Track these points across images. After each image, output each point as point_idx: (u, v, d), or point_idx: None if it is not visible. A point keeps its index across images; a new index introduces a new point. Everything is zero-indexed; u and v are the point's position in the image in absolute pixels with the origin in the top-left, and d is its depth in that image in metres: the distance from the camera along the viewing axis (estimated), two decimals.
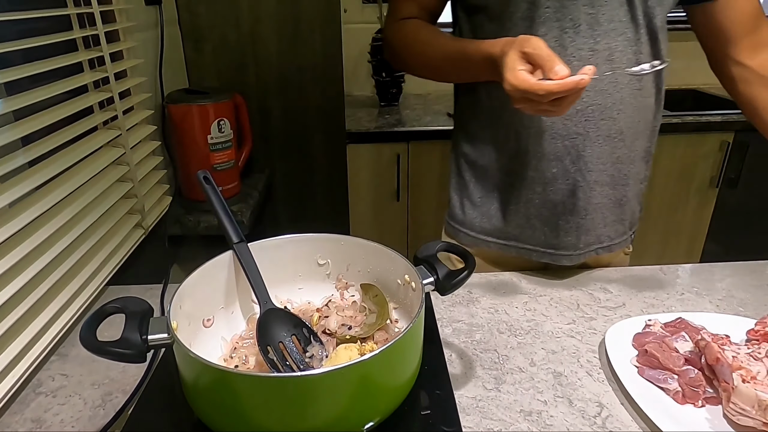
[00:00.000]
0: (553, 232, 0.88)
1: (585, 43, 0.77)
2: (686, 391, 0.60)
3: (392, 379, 0.52)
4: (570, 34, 0.77)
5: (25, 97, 0.75)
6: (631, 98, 0.81)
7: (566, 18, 0.76)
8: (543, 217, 0.88)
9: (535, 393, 0.64)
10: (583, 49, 0.77)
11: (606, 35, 0.77)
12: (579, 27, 0.76)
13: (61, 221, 0.79)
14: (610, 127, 0.81)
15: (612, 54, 0.78)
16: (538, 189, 0.86)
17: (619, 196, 0.89)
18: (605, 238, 0.91)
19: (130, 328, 0.50)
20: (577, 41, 0.77)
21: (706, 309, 0.80)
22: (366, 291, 0.68)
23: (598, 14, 0.76)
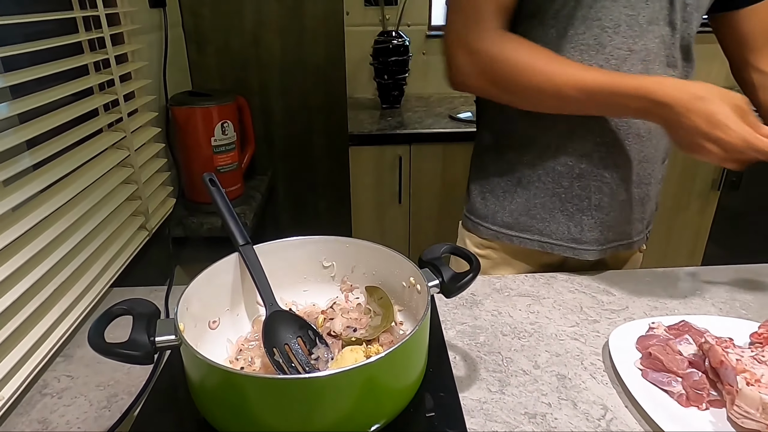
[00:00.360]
0: (577, 227, 0.89)
1: (623, 43, 0.77)
2: (690, 393, 0.61)
3: (398, 382, 0.52)
4: (609, 33, 0.77)
5: (30, 100, 0.76)
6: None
7: (606, 17, 0.76)
8: (568, 212, 0.89)
9: (539, 395, 0.64)
10: (622, 49, 0.78)
11: (643, 36, 0.77)
12: (619, 27, 0.77)
13: (66, 223, 0.79)
14: (640, 126, 0.82)
15: (648, 55, 0.78)
16: (565, 184, 0.87)
17: (642, 195, 0.90)
18: (626, 235, 0.92)
19: (137, 329, 0.50)
20: (616, 40, 0.77)
21: (710, 312, 0.80)
22: (371, 293, 0.69)
23: (638, 16, 0.76)
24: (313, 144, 1.65)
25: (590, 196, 0.87)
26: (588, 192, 0.87)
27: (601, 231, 0.89)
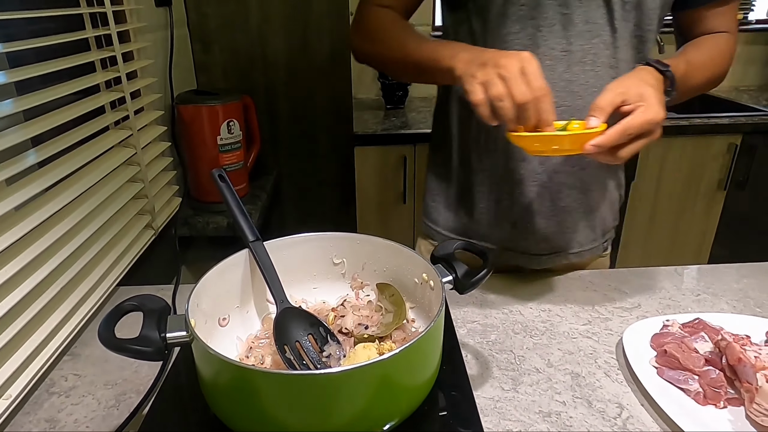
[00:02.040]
0: (522, 234, 0.87)
1: (558, 44, 0.76)
2: (707, 392, 0.60)
3: (413, 379, 0.51)
4: (544, 32, 0.76)
5: (36, 97, 0.75)
6: None
7: (541, 16, 0.75)
8: (512, 218, 0.87)
9: (553, 394, 0.63)
10: (556, 50, 0.76)
11: (580, 37, 0.76)
12: (553, 27, 0.75)
13: (72, 221, 0.78)
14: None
15: (585, 56, 0.77)
16: (506, 189, 0.85)
17: (590, 202, 0.87)
18: (575, 243, 0.89)
19: (148, 325, 0.49)
20: (551, 41, 0.76)
21: (723, 309, 0.79)
22: (382, 290, 0.68)
23: (573, 15, 0.75)
24: (318, 143, 1.65)
25: (531, 202, 0.85)
26: (529, 198, 0.85)
27: (546, 238, 0.87)
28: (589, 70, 0.77)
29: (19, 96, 0.75)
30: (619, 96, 0.63)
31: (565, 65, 0.77)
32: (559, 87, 0.77)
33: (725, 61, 0.85)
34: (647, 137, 0.64)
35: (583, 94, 0.78)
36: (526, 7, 0.75)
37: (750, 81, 2.37)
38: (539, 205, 0.85)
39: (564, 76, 0.77)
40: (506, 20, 0.76)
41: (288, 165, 1.65)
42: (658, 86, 0.69)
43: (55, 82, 0.81)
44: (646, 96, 0.63)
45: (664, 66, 0.72)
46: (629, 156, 0.64)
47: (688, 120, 1.85)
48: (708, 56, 0.82)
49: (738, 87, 2.36)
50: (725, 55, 0.84)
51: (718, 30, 0.84)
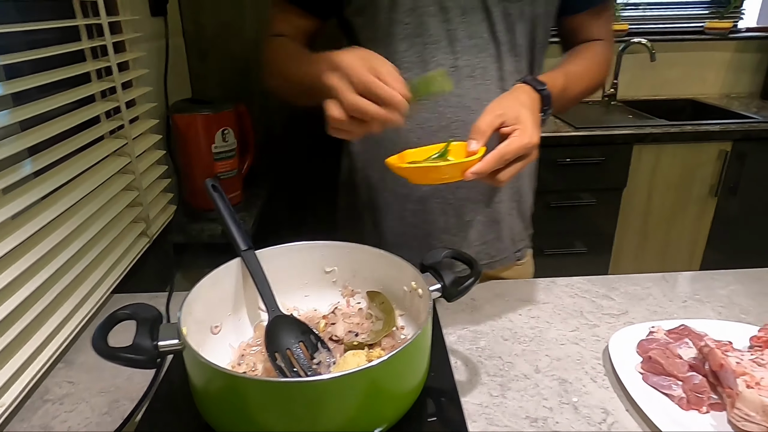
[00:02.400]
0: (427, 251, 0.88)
1: (446, 59, 0.78)
2: (690, 397, 0.61)
3: (401, 385, 0.52)
4: (431, 49, 0.77)
5: (33, 107, 0.76)
6: None
7: (426, 33, 0.77)
8: (417, 235, 0.88)
9: (540, 399, 0.64)
10: (445, 65, 0.78)
11: (467, 51, 0.78)
12: (439, 43, 0.77)
13: (67, 230, 0.79)
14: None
15: (474, 70, 0.79)
16: (409, 206, 0.86)
17: (494, 214, 0.89)
18: (484, 255, 0.91)
19: (141, 334, 0.50)
20: (438, 57, 0.78)
21: (709, 316, 0.80)
22: (372, 298, 0.69)
23: (456, 30, 0.77)
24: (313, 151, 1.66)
25: (436, 218, 0.86)
26: (434, 214, 0.86)
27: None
28: (479, 84, 0.79)
29: (16, 107, 0.76)
30: (497, 118, 0.64)
31: (454, 81, 0.78)
32: (452, 102, 0.79)
33: (603, 69, 0.89)
34: (524, 160, 0.65)
35: (475, 108, 0.79)
36: (411, 25, 0.77)
37: (740, 88, 2.40)
38: (444, 223, 0.87)
39: (455, 91, 0.79)
40: (393, 40, 0.78)
41: (282, 172, 1.67)
42: (534, 107, 0.70)
43: (51, 93, 0.82)
44: (522, 118, 0.64)
45: (540, 85, 0.73)
46: (509, 179, 0.65)
47: (679, 127, 1.87)
48: (586, 66, 0.85)
49: (729, 94, 2.39)
50: (602, 63, 0.88)
51: (595, 37, 0.89)
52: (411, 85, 0.61)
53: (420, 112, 0.80)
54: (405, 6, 0.76)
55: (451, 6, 0.76)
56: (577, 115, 2.08)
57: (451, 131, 0.81)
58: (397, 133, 0.82)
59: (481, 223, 0.88)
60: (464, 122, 0.80)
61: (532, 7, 0.79)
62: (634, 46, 2.16)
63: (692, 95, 2.37)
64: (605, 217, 1.97)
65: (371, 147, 0.87)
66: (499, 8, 0.77)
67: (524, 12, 0.78)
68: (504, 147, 0.62)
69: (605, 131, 1.84)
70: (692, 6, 2.40)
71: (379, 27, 0.78)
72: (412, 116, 0.63)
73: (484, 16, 0.77)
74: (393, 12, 0.76)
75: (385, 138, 0.83)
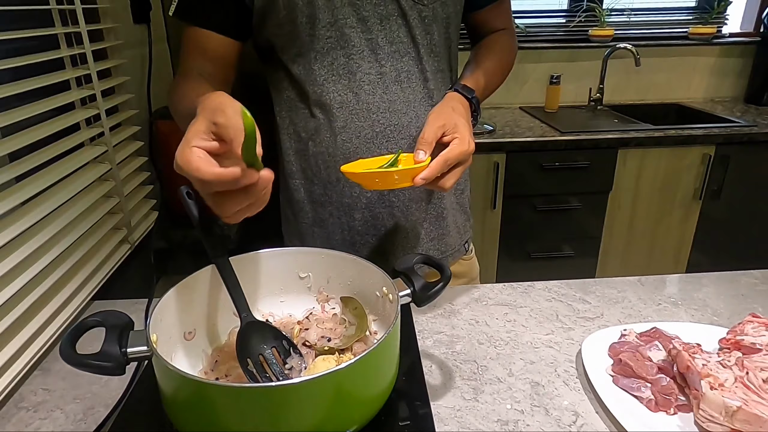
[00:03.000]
0: (381, 257, 0.90)
1: (371, 67, 0.80)
2: (659, 399, 0.62)
3: (367, 389, 0.53)
4: (356, 59, 0.79)
5: (12, 114, 0.76)
6: (426, 114, 0.82)
7: (348, 44, 0.79)
8: (368, 243, 0.90)
9: (512, 403, 0.65)
10: (371, 74, 0.80)
11: (390, 57, 0.80)
12: (362, 52, 0.79)
13: (46, 236, 0.79)
14: (411, 145, 0.84)
15: (399, 75, 0.81)
16: (357, 215, 0.88)
17: (438, 210, 0.92)
18: (435, 252, 0.94)
19: (109, 341, 0.50)
20: (363, 66, 0.80)
21: (682, 319, 0.81)
22: (346, 304, 0.70)
23: (377, 38, 0.79)
24: None
25: (385, 223, 0.88)
26: (382, 219, 0.88)
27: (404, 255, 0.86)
28: (406, 87, 0.82)
29: None
30: (440, 129, 0.70)
31: (382, 87, 0.81)
32: (383, 108, 0.82)
33: (511, 57, 0.97)
34: (462, 165, 0.71)
35: (406, 111, 0.83)
36: (332, 39, 0.78)
37: (724, 93, 2.42)
38: (394, 226, 0.89)
39: (384, 97, 0.81)
40: (317, 54, 0.79)
41: None
42: (467, 114, 0.77)
43: (31, 100, 0.83)
44: (460, 127, 0.70)
45: (469, 92, 0.80)
46: (453, 185, 0.71)
47: (663, 131, 1.89)
48: (498, 60, 0.92)
49: (713, 98, 2.42)
50: (510, 52, 0.96)
51: (499, 28, 0.96)
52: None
53: (353, 121, 0.82)
54: (324, 21, 0.77)
55: (369, 16, 0.78)
56: (563, 119, 2.10)
57: (386, 136, 0.83)
58: (335, 144, 0.83)
59: (428, 221, 0.91)
60: (397, 126, 0.83)
61: (443, 7, 0.82)
62: (619, 52, 2.18)
63: (677, 100, 2.39)
64: (592, 221, 1.99)
65: (310, 164, 0.87)
66: (414, 12, 0.79)
67: (437, 13, 0.82)
68: (446, 153, 0.68)
69: (591, 135, 1.86)
70: (677, 12, 2.44)
71: (302, 44, 0.79)
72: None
73: (402, 21, 0.79)
74: (313, 28, 0.77)
75: (322, 151, 0.85)
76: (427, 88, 0.84)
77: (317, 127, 0.84)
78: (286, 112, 0.87)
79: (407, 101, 0.82)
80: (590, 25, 2.34)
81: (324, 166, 0.86)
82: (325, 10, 0.76)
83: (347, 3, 0.77)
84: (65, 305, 0.82)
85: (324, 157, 0.85)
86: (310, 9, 0.76)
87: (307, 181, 0.89)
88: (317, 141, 0.84)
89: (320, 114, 0.83)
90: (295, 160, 0.89)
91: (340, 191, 0.86)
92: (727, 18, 2.40)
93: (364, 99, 0.81)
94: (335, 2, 0.76)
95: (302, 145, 0.87)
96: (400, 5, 0.78)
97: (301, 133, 0.86)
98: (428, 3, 0.80)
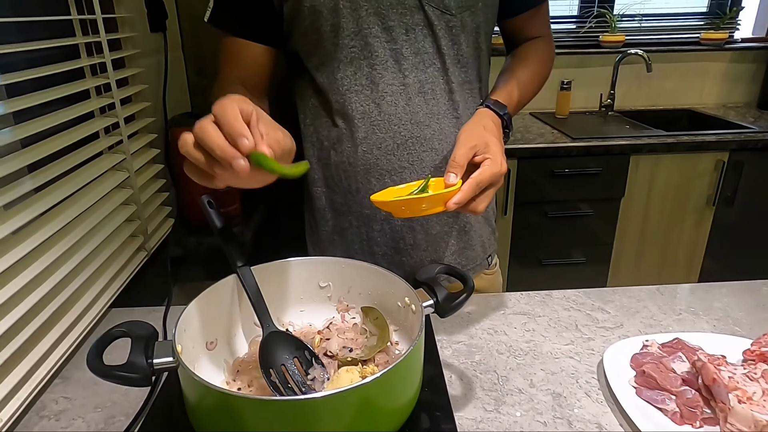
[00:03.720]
0: (399, 269, 0.89)
1: (395, 78, 0.79)
2: (684, 411, 0.61)
3: (393, 401, 0.53)
4: (378, 70, 0.79)
5: (33, 125, 0.77)
6: (451, 127, 0.83)
7: (372, 55, 0.78)
8: (386, 254, 0.89)
9: (534, 414, 0.65)
10: (394, 84, 0.79)
11: (414, 68, 0.79)
12: (386, 63, 0.78)
13: (66, 245, 0.80)
14: (433, 158, 0.83)
15: (423, 86, 0.80)
16: (376, 227, 0.87)
17: (462, 224, 0.90)
18: (456, 265, 0.90)
19: (135, 352, 0.51)
20: (386, 77, 0.79)
21: (703, 329, 0.80)
22: (366, 314, 0.69)
23: (401, 48, 0.78)
24: None
25: (404, 236, 0.87)
26: (401, 232, 0.87)
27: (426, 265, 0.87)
28: (429, 99, 0.81)
29: (17, 124, 0.77)
30: (471, 150, 0.68)
31: (405, 98, 0.80)
32: (405, 120, 0.81)
33: (548, 67, 0.93)
34: (494, 187, 0.69)
35: (428, 123, 0.81)
36: (356, 48, 0.78)
37: (736, 98, 2.41)
38: (412, 239, 0.88)
39: (407, 108, 0.80)
40: (340, 64, 0.79)
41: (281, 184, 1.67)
42: (499, 132, 0.75)
43: (51, 109, 0.84)
44: (491, 147, 0.68)
45: (501, 109, 0.78)
46: (485, 207, 0.68)
47: (676, 137, 1.88)
48: (533, 70, 0.89)
49: (725, 104, 2.40)
50: (547, 61, 0.93)
51: (535, 35, 0.93)
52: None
53: (375, 132, 0.82)
54: (348, 30, 0.77)
55: (394, 26, 0.77)
56: (574, 125, 2.10)
57: (408, 148, 0.82)
58: (355, 154, 0.83)
59: (448, 234, 0.90)
60: (419, 138, 0.82)
61: (473, 17, 0.80)
62: (630, 57, 2.17)
63: (689, 105, 2.38)
64: (603, 228, 1.98)
65: (332, 173, 0.87)
66: (441, 22, 0.78)
67: (466, 23, 0.80)
68: (478, 175, 0.66)
69: (603, 142, 1.85)
70: (688, 17, 2.43)
71: (325, 53, 0.79)
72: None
73: (428, 31, 0.78)
74: (337, 37, 0.77)
75: (343, 161, 0.84)
76: (452, 100, 0.83)
77: (339, 136, 0.84)
78: (310, 120, 0.87)
79: (430, 113, 0.81)
80: (601, 31, 2.34)
81: (345, 176, 0.85)
82: (350, 19, 0.76)
83: (372, 12, 0.76)
84: (85, 313, 0.82)
85: (345, 167, 0.85)
86: (334, 18, 0.76)
87: (328, 190, 0.89)
88: (339, 150, 0.84)
89: (342, 123, 0.83)
90: (318, 168, 0.89)
91: (360, 201, 0.86)
92: (739, 23, 2.39)
93: (386, 110, 0.80)
94: (360, 12, 0.76)
95: (324, 154, 0.87)
96: (427, 15, 0.77)
97: (324, 141, 0.86)
98: (456, 13, 0.78)
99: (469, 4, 0.79)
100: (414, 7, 0.77)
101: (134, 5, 1.18)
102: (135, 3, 1.19)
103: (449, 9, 0.78)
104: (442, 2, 0.77)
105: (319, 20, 0.76)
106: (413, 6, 0.77)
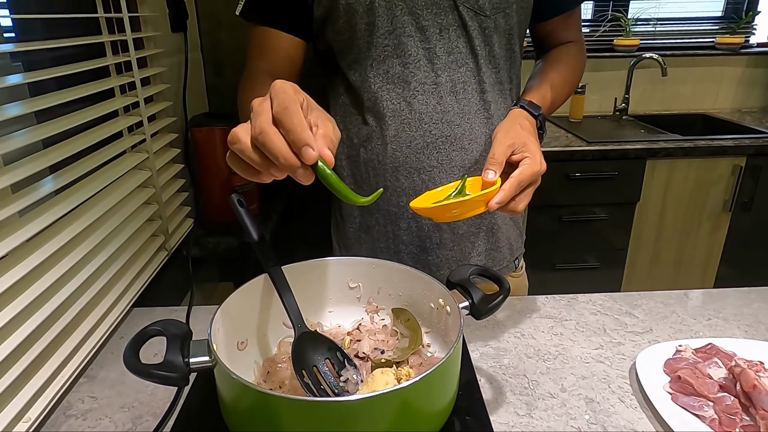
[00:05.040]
0: (425, 268, 0.88)
1: (427, 77, 0.79)
2: (723, 418, 0.60)
3: (432, 405, 0.52)
4: (411, 69, 0.79)
5: (57, 124, 0.76)
6: (482, 127, 0.82)
7: (405, 53, 0.78)
8: (412, 253, 0.88)
9: (568, 419, 0.63)
10: (426, 83, 0.79)
11: (447, 67, 0.79)
12: (419, 62, 0.78)
13: (90, 245, 0.79)
14: (463, 157, 0.83)
15: (455, 85, 0.80)
16: (402, 225, 0.87)
17: (489, 225, 0.90)
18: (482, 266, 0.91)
19: (172, 351, 0.50)
20: (419, 75, 0.79)
21: (735, 335, 0.79)
22: (397, 315, 0.69)
23: (435, 48, 0.78)
24: None
25: (430, 234, 0.87)
26: (427, 230, 0.86)
27: (449, 267, 0.87)
28: (461, 99, 0.81)
29: (39, 123, 0.77)
30: (509, 149, 0.67)
31: (437, 97, 0.80)
32: (436, 119, 0.81)
33: (579, 72, 0.93)
34: (534, 185, 0.69)
35: (459, 122, 0.81)
36: (390, 47, 0.78)
37: (753, 103, 2.39)
38: (439, 239, 0.87)
39: (438, 107, 0.80)
40: (373, 62, 0.79)
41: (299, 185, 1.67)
42: (534, 131, 0.75)
43: (75, 107, 0.83)
44: (529, 146, 0.68)
45: (536, 110, 0.78)
46: (525, 206, 0.68)
47: (692, 142, 1.87)
48: (565, 75, 0.89)
49: (741, 109, 2.39)
50: (578, 66, 0.93)
51: (568, 40, 0.93)
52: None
53: (405, 130, 0.81)
54: (383, 29, 0.77)
55: (428, 25, 0.77)
56: (589, 129, 2.09)
57: (437, 147, 0.82)
58: (385, 152, 0.83)
59: (474, 235, 0.89)
60: (449, 137, 0.82)
61: (506, 18, 0.81)
62: (645, 61, 2.16)
63: (703, 110, 2.37)
64: (618, 232, 1.97)
65: (360, 170, 0.87)
66: (475, 23, 0.78)
67: (499, 24, 0.80)
68: (519, 174, 0.65)
69: (618, 146, 1.84)
70: (703, 21, 2.42)
71: (359, 51, 0.79)
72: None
73: (461, 32, 0.78)
74: (371, 35, 0.77)
75: (372, 159, 0.84)
76: (483, 100, 0.83)
77: (369, 134, 0.83)
78: (340, 118, 0.87)
79: (462, 112, 0.81)
80: (615, 35, 2.33)
81: (373, 173, 0.85)
82: (385, 18, 0.76)
83: (407, 12, 0.76)
84: (108, 312, 0.82)
85: (374, 164, 0.84)
86: (369, 16, 0.76)
87: (356, 187, 0.88)
88: (368, 148, 0.84)
89: (373, 121, 0.83)
90: (347, 165, 0.89)
91: (387, 199, 0.86)
92: (755, 27, 2.38)
93: (417, 108, 0.80)
94: (395, 11, 0.76)
95: (354, 151, 0.87)
96: (461, 16, 0.78)
97: (353, 138, 0.86)
98: (490, 14, 0.79)
99: (503, 6, 0.79)
100: (448, 7, 0.77)
101: (157, 5, 1.18)
102: (157, 2, 1.19)
103: (483, 10, 0.78)
104: (477, 3, 0.77)
105: (354, 18, 0.76)
106: (447, 6, 0.77)
